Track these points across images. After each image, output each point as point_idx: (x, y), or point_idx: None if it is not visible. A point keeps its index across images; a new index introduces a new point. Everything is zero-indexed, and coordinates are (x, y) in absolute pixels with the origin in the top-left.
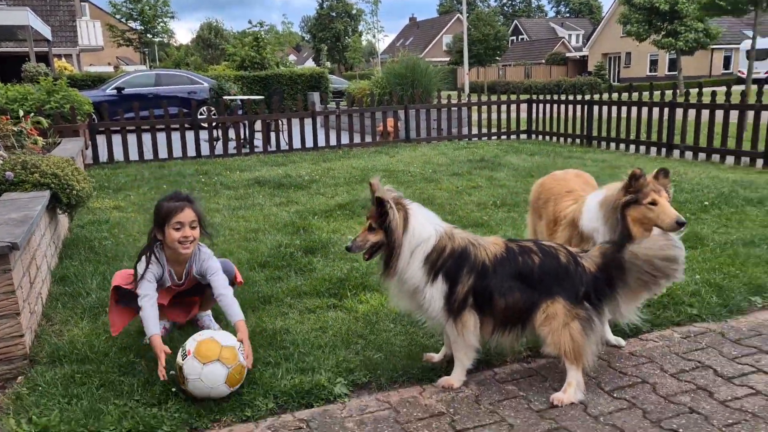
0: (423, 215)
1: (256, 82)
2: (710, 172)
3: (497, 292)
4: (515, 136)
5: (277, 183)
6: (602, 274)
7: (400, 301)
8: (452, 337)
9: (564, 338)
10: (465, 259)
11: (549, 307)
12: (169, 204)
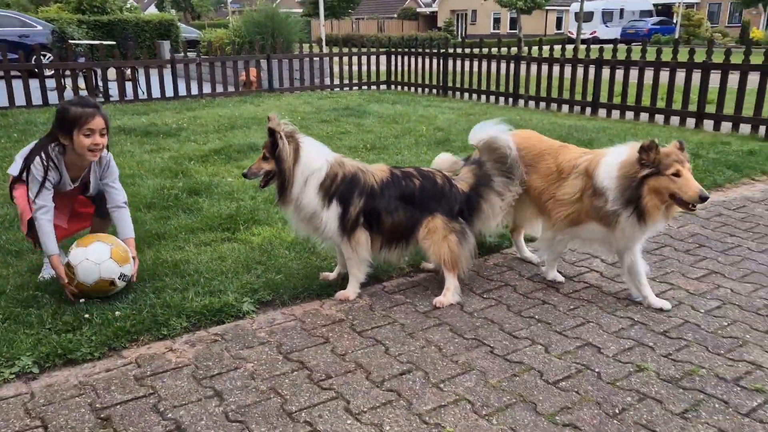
0: (314, 147)
1: (98, 27)
2: (550, 118)
3: (385, 212)
4: (375, 86)
5: (144, 131)
6: (473, 192)
7: (299, 227)
8: (347, 254)
9: (443, 249)
10: (356, 184)
11: (430, 223)
12: (78, 109)
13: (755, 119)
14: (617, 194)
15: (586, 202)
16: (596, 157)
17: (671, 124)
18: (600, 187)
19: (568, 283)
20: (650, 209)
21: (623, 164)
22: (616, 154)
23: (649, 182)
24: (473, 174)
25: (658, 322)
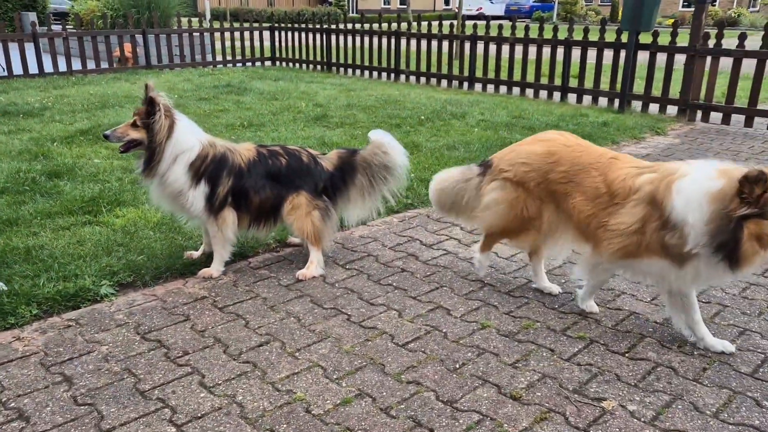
0: (188, 126)
1: None
2: (428, 93)
3: (252, 191)
4: (260, 63)
5: (1, 110)
6: (338, 173)
7: (162, 202)
8: (212, 232)
9: (307, 224)
10: (225, 164)
11: (294, 199)
12: None
13: (610, 93)
14: (706, 236)
15: (651, 235)
16: (665, 180)
17: (540, 98)
18: (676, 221)
19: (428, 252)
20: (749, 256)
21: (716, 197)
22: (698, 180)
23: (751, 225)
24: (339, 157)
25: (505, 284)
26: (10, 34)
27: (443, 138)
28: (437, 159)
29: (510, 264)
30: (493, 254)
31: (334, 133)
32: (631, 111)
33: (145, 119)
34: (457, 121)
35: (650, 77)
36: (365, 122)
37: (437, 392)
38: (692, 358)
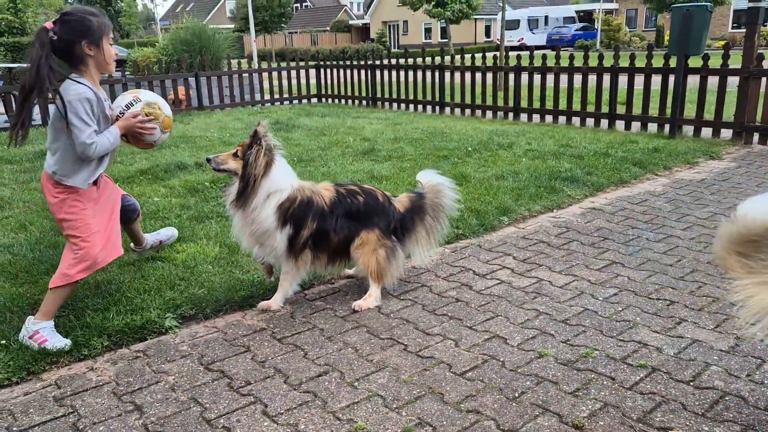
0: (284, 168)
1: (18, 49)
2: (474, 125)
3: (332, 232)
4: (306, 100)
5: None
6: (408, 214)
7: (242, 235)
8: (285, 269)
9: (372, 261)
10: (310, 207)
11: (365, 236)
12: (98, 18)
13: (660, 118)
14: None
15: None
16: None
17: (587, 126)
18: None
19: (481, 281)
20: None
21: None
22: None
23: None
24: (410, 200)
25: (561, 312)
26: None
27: (491, 168)
28: (486, 189)
29: (564, 292)
30: (546, 282)
31: (382, 166)
32: (683, 136)
33: (246, 152)
34: (505, 151)
35: (702, 101)
36: (413, 155)
37: (497, 421)
38: (763, 387)
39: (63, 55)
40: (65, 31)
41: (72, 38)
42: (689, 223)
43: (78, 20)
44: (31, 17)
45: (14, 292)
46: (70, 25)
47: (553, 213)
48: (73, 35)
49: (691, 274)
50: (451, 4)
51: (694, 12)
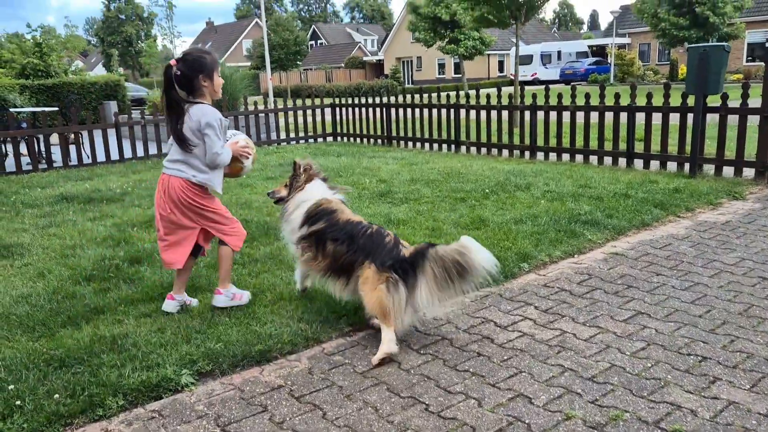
0: (317, 186)
1: (42, 91)
2: (490, 164)
3: (330, 240)
4: (322, 139)
5: (87, 198)
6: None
7: (286, 237)
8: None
9: (374, 297)
10: (326, 213)
11: (365, 270)
12: (211, 56)
13: (679, 157)
14: None
15: None
16: None
17: (605, 164)
18: None
19: (503, 334)
20: None
21: None
22: None
23: None
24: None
25: (587, 368)
26: (96, 124)
27: (509, 211)
28: (505, 234)
29: (589, 345)
30: (570, 335)
31: (399, 209)
32: (704, 175)
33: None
34: (522, 192)
35: (722, 139)
36: (429, 197)
37: None
38: None
39: (184, 86)
40: (186, 68)
41: (191, 73)
42: (716, 270)
43: (195, 59)
44: (55, 60)
45: (30, 348)
46: (189, 63)
47: (575, 258)
48: (192, 71)
49: (723, 326)
50: (464, 41)
51: (711, 52)
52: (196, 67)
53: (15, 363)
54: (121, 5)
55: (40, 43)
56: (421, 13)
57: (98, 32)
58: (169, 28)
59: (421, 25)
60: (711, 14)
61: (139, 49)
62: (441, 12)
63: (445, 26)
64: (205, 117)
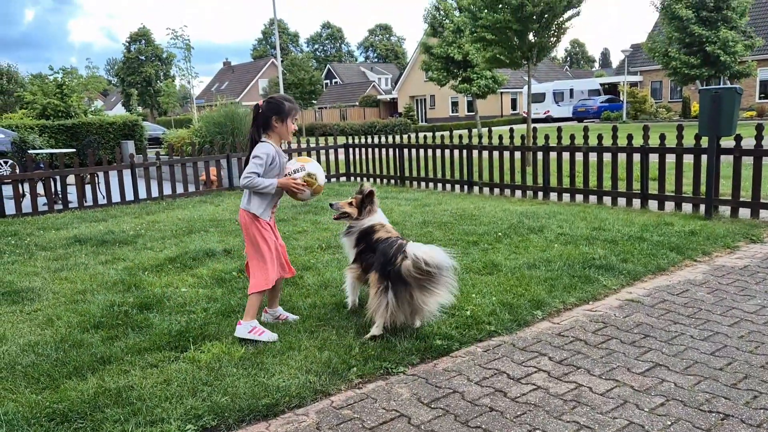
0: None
1: (62, 131)
2: (503, 205)
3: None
4: (335, 179)
5: (100, 240)
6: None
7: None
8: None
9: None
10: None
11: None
12: (290, 104)
13: (694, 198)
14: None
15: None
16: None
17: (619, 206)
18: None
19: (516, 387)
20: None
21: None
22: None
23: None
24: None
25: (604, 425)
26: (111, 166)
27: (522, 255)
28: (518, 279)
29: (606, 401)
30: (586, 389)
31: None
32: (720, 217)
33: (359, 203)
34: (535, 235)
35: (737, 180)
36: (442, 240)
37: None
38: None
39: (261, 124)
40: (267, 108)
41: (269, 113)
42: (736, 318)
43: (276, 102)
44: (75, 101)
45: (33, 401)
46: (270, 104)
47: (589, 305)
48: (270, 111)
49: (745, 381)
50: (477, 80)
51: (724, 94)
52: (274, 109)
53: (17, 417)
54: (141, 47)
55: (61, 85)
56: (434, 53)
57: (119, 72)
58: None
59: (434, 65)
60: (722, 53)
61: (157, 89)
62: (453, 52)
63: (457, 66)
64: (256, 150)
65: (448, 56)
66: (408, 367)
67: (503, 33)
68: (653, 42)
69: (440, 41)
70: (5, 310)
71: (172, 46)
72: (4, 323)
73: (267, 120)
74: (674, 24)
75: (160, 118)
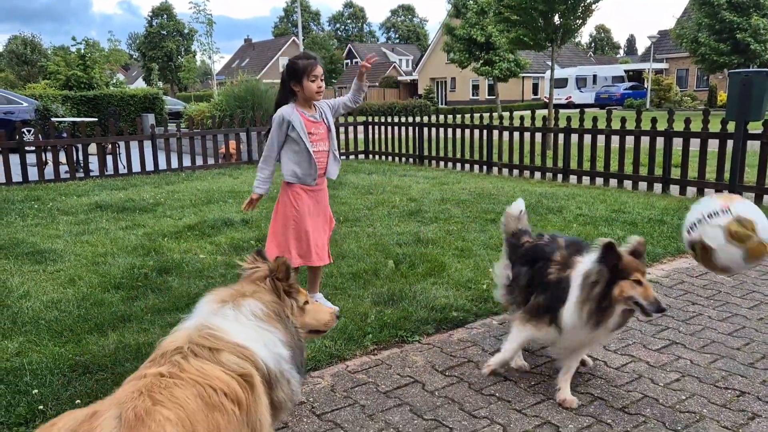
0: None
1: (84, 102)
2: (522, 186)
3: None
4: (354, 156)
5: (121, 207)
6: None
7: None
8: None
9: None
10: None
11: None
12: (304, 61)
13: (718, 184)
14: None
15: None
16: None
17: (639, 190)
18: None
19: (530, 358)
20: None
21: None
22: None
23: None
24: None
25: (618, 398)
26: (133, 136)
27: None
28: None
29: (620, 374)
30: (601, 363)
31: (428, 228)
32: None
33: None
34: (554, 215)
35: (763, 166)
36: (459, 217)
37: None
38: None
39: (286, 91)
40: (285, 74)
41: (287, 79)
42: (756, 301)
43: (290, 65)
44: (97, 73)
45: (56, 352)
46: (287, 70)
47: None
48: (287, 77)
49: (762, 360)
50: (499, 62)
51: (754, 78)
52: (290, 72)
53: (41, 367)
54: (163, 21)
55: (84, 56)
56: (457, 34)
57: (140, 47)
58: (209, 44)
59: (456, 46)
60: (752, 41)
61: (178, 64)
62: (476, 34)
63: (480, 48)
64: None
65: (470, 38)
66: (423, 336)
67: (528, 14)
68: (681, 28)
69: (463, 22)
70: (29, 269)
71: (194, 21)
72: (28, 281)
73: (286, 86)
74: (705, 9)
75: (180, 93)
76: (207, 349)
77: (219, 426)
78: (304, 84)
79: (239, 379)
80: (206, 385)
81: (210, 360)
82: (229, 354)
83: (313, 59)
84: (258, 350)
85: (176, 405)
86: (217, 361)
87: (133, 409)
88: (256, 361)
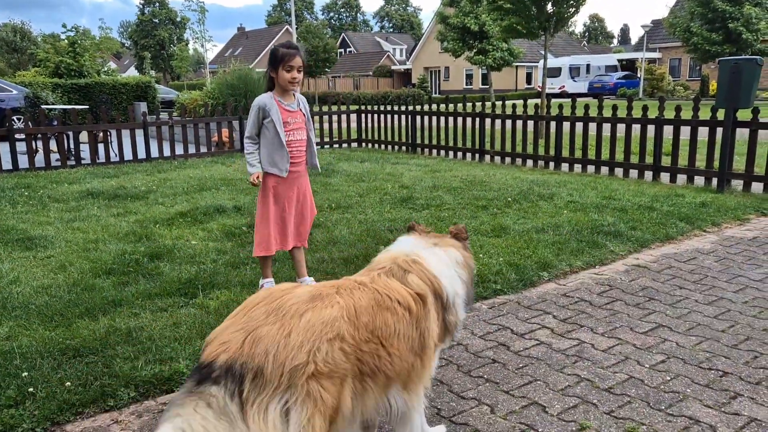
0: None
1: (75, 90)
2: (514, 173)
3: None
4: (347, 144)
5: (112, 194)
6: None
7: None
8: None
9: None
10: None
11: None
12: (283, 50)
13: (707, 171)
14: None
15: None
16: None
17: (630, 177)
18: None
19: (520, 341)
20: None
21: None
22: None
23: None
24: None
25: (604, 378)
26: (124, 123)
27: (531, 220)
28: (526, 242)
29: (607, 357)
30: (588, 345)
31: (420, 215)
32: (732, 190)
33: None
34: (545, 202)
35: (752, 155)
36: (451, 204)
37: None
38: None
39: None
40: (268, 63)
41: (268, 67)
42: (741, 285)
43: (271, 53)
44: (88, 60)
45: (46, 336)
46: (269, 56)
47: (596, 269)
48: (268, 65)
49: (746, 342)
50: (492, 51)
51: (744, 65)
52: (270, 60)
53: (30, 351)
54: (155, 9)
55: (74, 43)
56: (450, 23)
57: (132, 35)
58: (201, 32)
59: (450, 35)
60: (744, 30)
61: (171, 53)
62: (470, 22)
63: (473, 37)
64: None
65: (464, 26)
66: None
67: (521, 2)
68: (674, 17)
69: (457, 11)
70: (19, 255)
71: (186, 9)
72: (18, 267)
73: (268, 74)
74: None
75: (173, 82)
76: (402, 270)
77: (387, 320)
78: (279, 72)
79: (414, 295)
80: (384, 294)
81: (399, 279)
82: (415, 276)
83: (294, 50)
84: (444, 281)
85: (350, 298)
86: (404, 280)
87: (321, 290)
88: (439, 288)
